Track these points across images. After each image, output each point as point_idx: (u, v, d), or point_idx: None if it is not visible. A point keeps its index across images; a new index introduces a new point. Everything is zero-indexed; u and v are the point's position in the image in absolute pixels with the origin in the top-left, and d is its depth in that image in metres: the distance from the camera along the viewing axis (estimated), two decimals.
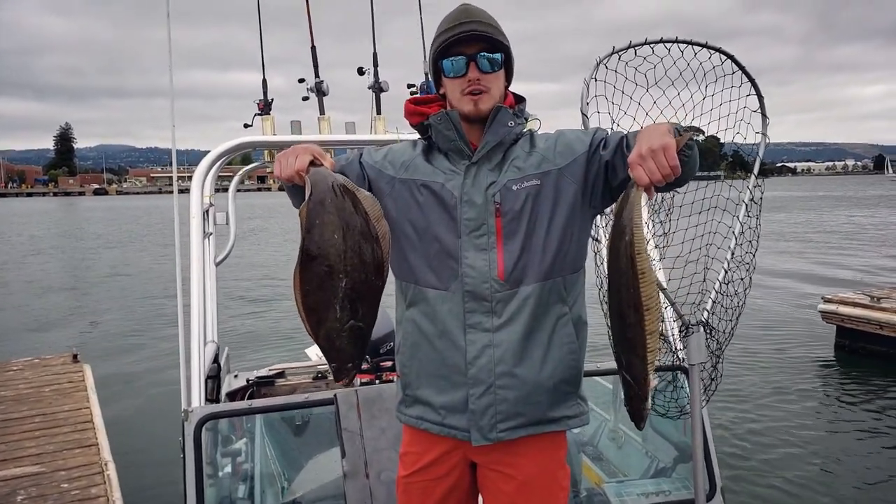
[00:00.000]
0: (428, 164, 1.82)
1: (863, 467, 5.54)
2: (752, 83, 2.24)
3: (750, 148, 2.27)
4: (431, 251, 1.78)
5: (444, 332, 1.78)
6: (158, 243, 27.17)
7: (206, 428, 2.42)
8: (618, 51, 2.08)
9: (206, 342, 2.74)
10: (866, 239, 24.50)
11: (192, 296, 2.68)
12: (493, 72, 1.75)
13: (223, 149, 2.99)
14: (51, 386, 6.19)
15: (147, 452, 5.86)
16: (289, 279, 1.62)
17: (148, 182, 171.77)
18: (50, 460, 4.48)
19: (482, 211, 1.74)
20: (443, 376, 1.81)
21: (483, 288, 1.74)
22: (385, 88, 3.62)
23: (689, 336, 2.19)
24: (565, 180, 1.75)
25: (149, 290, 15.46)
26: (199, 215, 2.89)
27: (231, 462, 2.94)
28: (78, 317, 12.96)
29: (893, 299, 8.72)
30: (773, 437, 6.07)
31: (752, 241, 2.19)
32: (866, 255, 19.60)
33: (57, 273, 19.68)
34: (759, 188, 2.26)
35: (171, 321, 11.68)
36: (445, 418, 1.82)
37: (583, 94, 2.00)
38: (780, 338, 9.63)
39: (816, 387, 7.72)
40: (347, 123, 3.36)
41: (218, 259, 3.18)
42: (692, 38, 2.09)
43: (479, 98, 1.74)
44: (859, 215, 36.37)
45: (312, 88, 3.53)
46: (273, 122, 3.29)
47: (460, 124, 1.77)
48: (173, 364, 9.78)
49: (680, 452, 2.95)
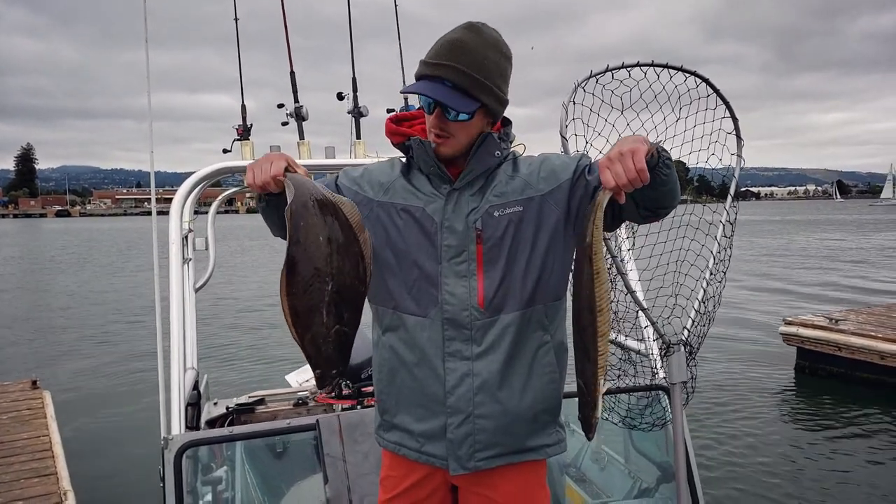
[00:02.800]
0: (408, 185, 1.78)
1: (824, 485, 5.66)
2: (726, 106, 2.28)
3: (717, 172, 2.31)
4: (411, 277, 1.76)
5: (423, 360, 1.76)
6: (120, 267, 26.84)
7: (187, 456, 2.38)
8: (595, 74, 2.12)
9: (186, 369, 2.70)
10: (827, 259, 25.25)
11: (172, 322, 2.65)
12: (459, 121, 1.68)
13: (203, 174, 2.98)
14: (8, 413, 6.03)
15: (108, 481, 5.76)
16: (264, 306, 1.61)
17: (113, 204, 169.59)
18: (6, 490, 4.35)
19: (463, 237, 1.72)
20: (421, 404, 1.79)
21: (463, 316, 1.72)
22: (365, 113, 3.64)
23: (670, 356, 2.21)
24: (548, 207, 1.73)
25: (113, 315, 15.23)
26: (179, 241, 2.87)
27: (212, 490, 2.89)
28: (37, 342, 12.67)
29: (851, 321, 9.05)
30: (734, 458, 6.16)
31: (724, 261, 2.23)
32: (827, 276, 20.19)
33: (15, 297, 19.25)
34: (735, 208, 2.30)
35: (134, 347, 11.55)
36: (424, 446, 1.80)
37: (562, 117, 2.03)
38: (742, 359, 9.83)
39: (776, 408, 7.90)
40: (327, 148, 3.36)
41: (197, 285, 3.15)
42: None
43: (442, 142, 1.70)
44: (827, 238, 37.37)
45: (292, 113, 3.54)
46: (252, 147, 3.29)
47: (435, 155, 1.73)
48: (137, 391, 9.62)
49: (663, 472, 2.95)
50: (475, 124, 1.71)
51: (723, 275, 2.23)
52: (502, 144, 1.76)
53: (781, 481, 5.70)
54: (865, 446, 6.54)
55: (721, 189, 2.36)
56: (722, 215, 2.31)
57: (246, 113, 3.51)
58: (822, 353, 8.79)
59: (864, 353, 8.27)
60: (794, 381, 8.93)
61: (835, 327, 8.76)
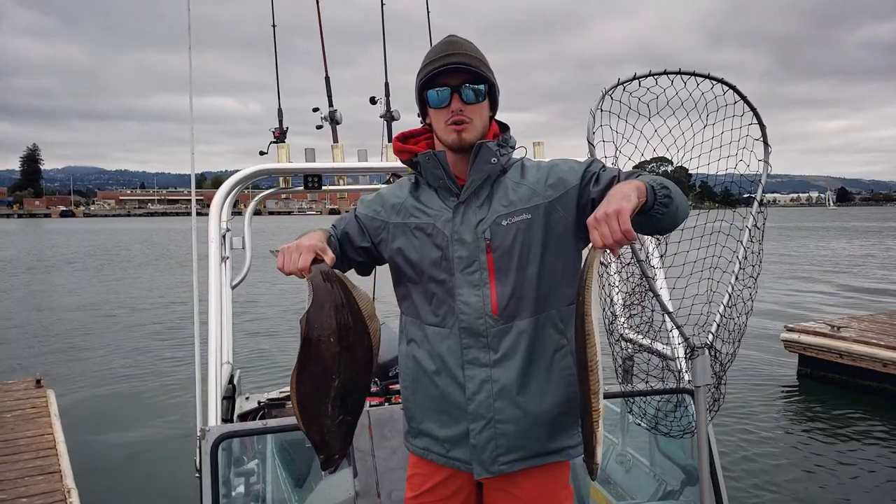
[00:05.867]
0: (417, 202, 1.87)
1: (829, 493, 5.63)
2: (754, 113, 2.29)
3: (745, 178, 2.32)
4: (430, 290, 1.83)
5: (444, 369, 1.83)
6: (127, 267, 27.19)
7: (222, 447, 2.47)
8: (623, 82, 2.15)
9: (223, 363, 2.79)
10: (833, 266, 24.96)
11: (210, 318, 2.75)
12: (477, 102, 1.79)
13: (241, 176, 3.08)
14: (12, 411, 6.06)
15: (111, 479, 5.86)
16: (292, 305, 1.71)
17: (116, 205, 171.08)
18: (11, 487, 4.38)
19: (473, 248, 1.78)
20: (444, 411, 1.86)
21: (478, 324, 1.78)
22: (396, 117, 3.71)
23: (694, 359, 2.22)
24: (556, 213, 1.78)
25: (119, 313, 15.45)
26: (218, 240, 2.97)
27: (244, 482, 2.98)
28: (41, 341, 12.79)
29: (853, 328, 8.92)
30: (735, 465, 6.11)
31: (754, 266, 2.25)
32: (832, 283, 19.98)
33: (19, 296, 19.40)
34: (762, 214, 2.32)
35: (138, 346, 11.71)
36: (450, 451, 1.87)
37: (589, 124, 2.07)
38: (744, 363, 9.66)
39: (780, 415, 7.85)
40: (360, 150, 3.45)
41: (234, 282, 3.25)
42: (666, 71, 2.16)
43: (463, 128, 1.77)
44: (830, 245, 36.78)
45: (326, 117, 3.63)
46: (288, 150, 3.38)
47: (447, 163, 1.81)
48: (140, 390, 9.71)
49: (687, 475, 2.97)
50: (486, 107, 1.83)
51: (753, 279, 2.24)
52: (501, 151, 1.82)
53: (787, 489, 5.67)
54: (873, 454, 6.47)
55: (723, 195, 2.38)
56: (748, 220, 2.32)
57: (282, 116, 3.61)
58: (823, 360, 8.70)
59: (866, 361, 8.18)
60: (797, 387, 8.87)
61: (836, 334, 8.66)
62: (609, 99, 2.07)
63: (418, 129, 1.97)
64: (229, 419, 3.05)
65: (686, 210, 1.70)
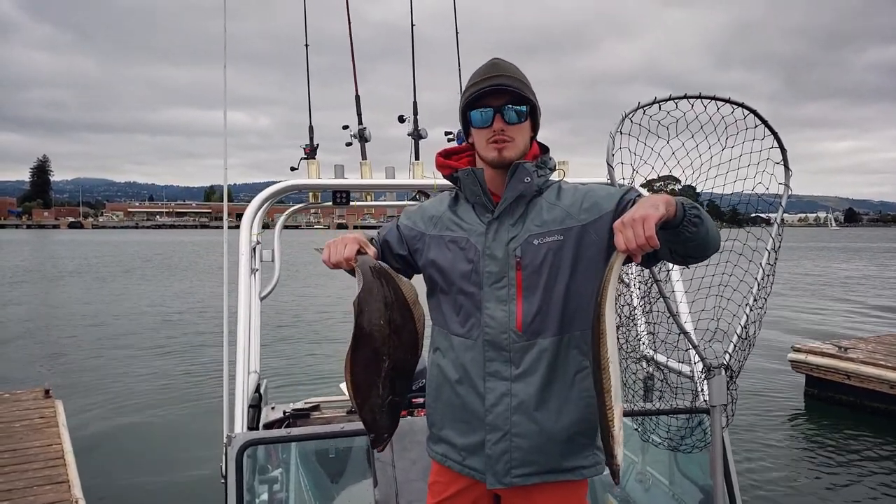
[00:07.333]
0: (454, 216, 1.94)
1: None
2: (774, 136, 2.31)
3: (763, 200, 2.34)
4: (458, 301, 1.90)
5: (466, 379, 1.89)
6: (135, 277, 27.09)
7: (247, 455, 2.54)
8: (643, 105, 2.20)
9: (250, 372, 2.87)
10: (840, 287, 24.77)
11: (239, 327, 2.83)
12: (519, 123, 1.85)
13: (272, 190, 3.18)
14: (21, 421, 6.09)
15: (119, 489, 5.90)
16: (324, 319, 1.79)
17: (125, 217, 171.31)
18: (20, 497, 4.40)
19: (503, 264, 1.83)
20: (463, 420, 1.91)
21: (502, 338, 1.83)
22: (424, 135, 3.79)
23: (711, 378, 2.25)
24: (589, 237, 1.81)
25: (128, 325, 15.42)
26: (248, 252, 3.06)
27: (268, 490, 3.05)
28: (50, 351, 12.82)
29: (860, 350, 8.84)
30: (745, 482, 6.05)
31: (766, 287, 2.27)
32: (839, 303, 19.81)
33: (28, 308, 19.30)
34: (780, 237, 2.34)
35: (147, 356, 11.73)
36: (466, 459, 1.92)
37: (609, 146, 2.12)
38: (751, 383, 9.58)
39: (788, 436, 7.78)
40: (388, 168, 3.53)
41: (263, 294, 3.34)
42: (672, 93, 2.19)
43: (504, 146, 1.83)
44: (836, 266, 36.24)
45: (356, 135, 3.73)
46: (318, 166, 3.48)
47: (485, 182, 1.87)
48: (149, 403, 9.64)
49: (706, 495, 2.96)
50: (527, 128, 1.88)
51: (764, 300, 2.26)
52: (539, 172, 1.87)
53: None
54: (880, 474, 6.39)
55: (731, 215, 2.41)
56: (768, 243, 2.34)
57: (313, 133, 3.71)
58: (831, 381, 8.63)
59: (874, 382, 8.11)
60: (804, 408, 8.80)
61: (844, 355, 8.58)
62: (628, 122, 2.12)
63: (460, 147, 2.05)
64: (255, 427, 3.12)
65: (717, 240, 1.72)
